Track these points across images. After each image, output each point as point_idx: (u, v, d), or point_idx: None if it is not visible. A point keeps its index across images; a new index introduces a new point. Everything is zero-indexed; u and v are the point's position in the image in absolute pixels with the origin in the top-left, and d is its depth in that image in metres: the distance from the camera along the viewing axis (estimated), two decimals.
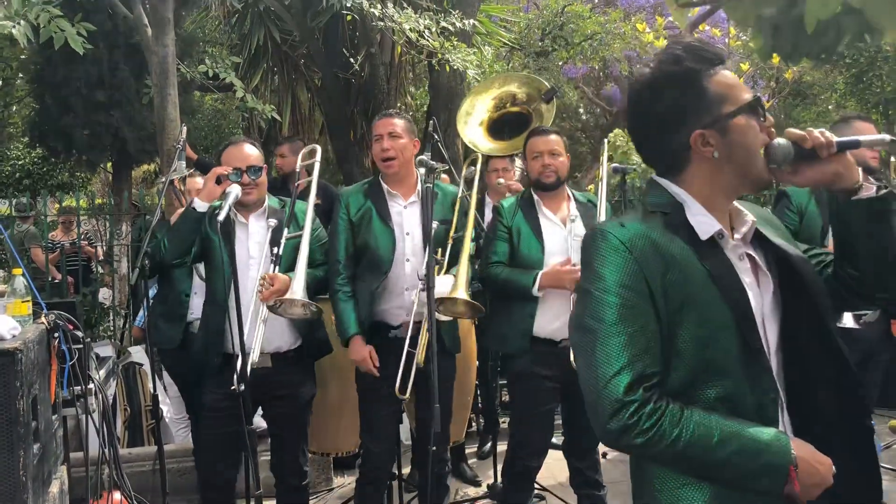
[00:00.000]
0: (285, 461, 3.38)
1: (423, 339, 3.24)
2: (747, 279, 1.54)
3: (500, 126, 5.12)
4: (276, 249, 3.21)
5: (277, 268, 3.19)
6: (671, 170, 1.60)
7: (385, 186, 3.42)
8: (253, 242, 3.27)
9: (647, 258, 1.48)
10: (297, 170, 3.76)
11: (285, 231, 3.27)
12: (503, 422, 4.90)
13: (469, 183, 3.67)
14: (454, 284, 3.16)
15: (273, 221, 3.26)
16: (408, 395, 3.25)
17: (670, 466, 1.49)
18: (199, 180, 4.32)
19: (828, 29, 1.12)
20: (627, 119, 1.66)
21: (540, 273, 3.35)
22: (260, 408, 3.39)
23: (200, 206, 3.17)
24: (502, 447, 3.99)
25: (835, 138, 1.54)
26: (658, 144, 1.61)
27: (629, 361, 1.43)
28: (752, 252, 1.59)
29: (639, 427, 1.41)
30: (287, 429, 3.33)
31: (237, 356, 3.05)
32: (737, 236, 1.58)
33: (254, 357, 3.09)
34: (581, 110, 14.72)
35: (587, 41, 10.72)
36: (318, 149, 3.70)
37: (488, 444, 5.03)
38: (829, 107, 12.06)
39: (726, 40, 10.13)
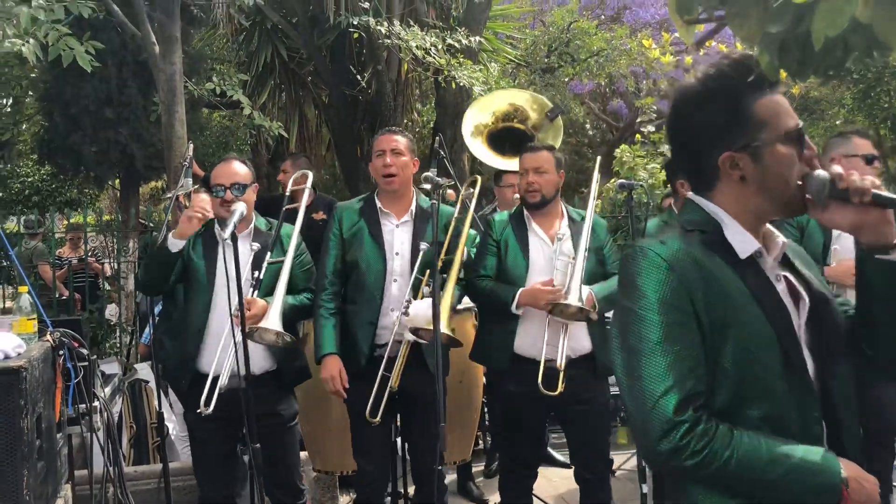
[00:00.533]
0: (276, 482, 3.33)
1: (401, 361, 3.21)
2: (785, 299, 1.51)
3: (502, 139, 5.13)
4: (256, 273, 3.19)
5: (257, 292, 3.16)
6: (702, 186, 1.57)
7: (378, 205, 3.39)
8: (240, 264, 3.20)
9: (689, 275, 1.45)
10: (287, 193, 3.76)
11: (268, 255, 3.24)
12: None
13: (465, 204, 3.65)
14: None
15: (256, 245, 3.24)
16: (378, 419, 3.19)
17: (719, 488, 1.45)
18: (204, 196, 4.32)
19: (835, 46, 1.11)
20: (666, 127, 1.63)
21: (520, 290, 3.32)
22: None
23: (174, 245, 3.16)
24: None
25: (874, 189, 1.44)
26: (690, 158, 1.58)
27: (676, 381, 1.40)
28: (787, 273, 1.56)
29: (690, 448, 1.38)
30: (271, 448, 3.20)
31: (212, 376, 3.07)
32: (770, 257, 1.55)
33: (223, 381, 3.06)
34: (587, 126, 14.73)
35: (593, 57, 10.74)
36: (310, 174, 3.71)
37: (495, 462, 5.00)
38: (837, 122, 12.03)
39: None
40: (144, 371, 5.06)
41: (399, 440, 3.76)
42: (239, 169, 3.31)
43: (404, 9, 7.82)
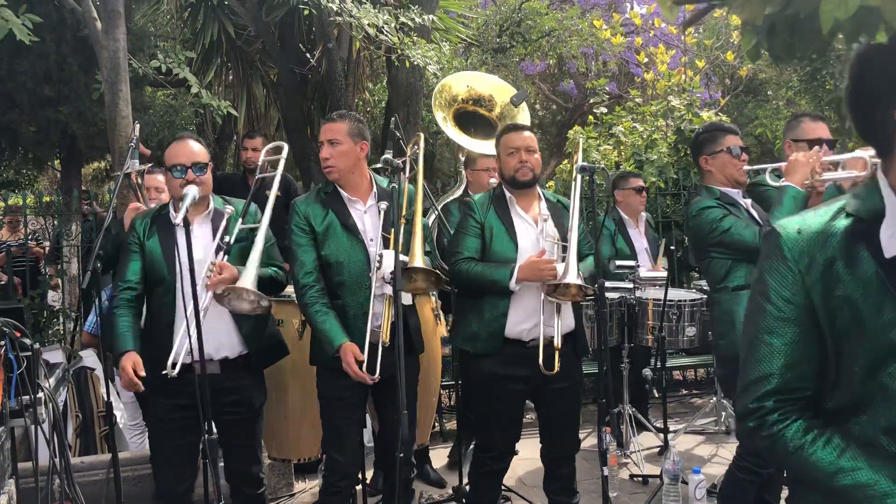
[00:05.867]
0: (239, 470, 3.27)
1: (387, 316, 3.16)
2: None
3: (466, 122, 5.08)
4: (226, 238, 3.11)
5: (227, 257, 3.09)
6: (881, 154, 1.40)
7: (344, 193, 3.32)
8: (198, 246, 3.03)
9: (815, 270, 1.38)
10: (260, 163, 3.71)
11: (239, 221, 3.18)
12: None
13: (414, 162, 3.65)
14: (410, 255, 3.09)
15: (229, 208, 3.19)
16: (377, 375, 3.13)
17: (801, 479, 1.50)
18: (159, 177, 4.20)
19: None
20: (847, 85, 1.43)
21: (517, 266, 3.28)
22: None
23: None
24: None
25: None
26: (865, 120, 1.40)
27: (767, 373, 1.43)
28: None
29: (761, 432, 1.44)
30: (240, 437, 3.21)
31: (186, 364, 3.00)
32: None
33: (187, 344, 2.96)
34: (537, 107, 14.75)
35: (545, 38, 10.74)
36: (285, 146, 3.65)
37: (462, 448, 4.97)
38: (780, 104, 12.24)
39: (682, 37, 10.22)
40: (90, 358, 4.91)
41: None
42: (196, 148, 3.21)
43: None
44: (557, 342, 3.27)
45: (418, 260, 3.07)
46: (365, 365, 3.12)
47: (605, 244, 5.39)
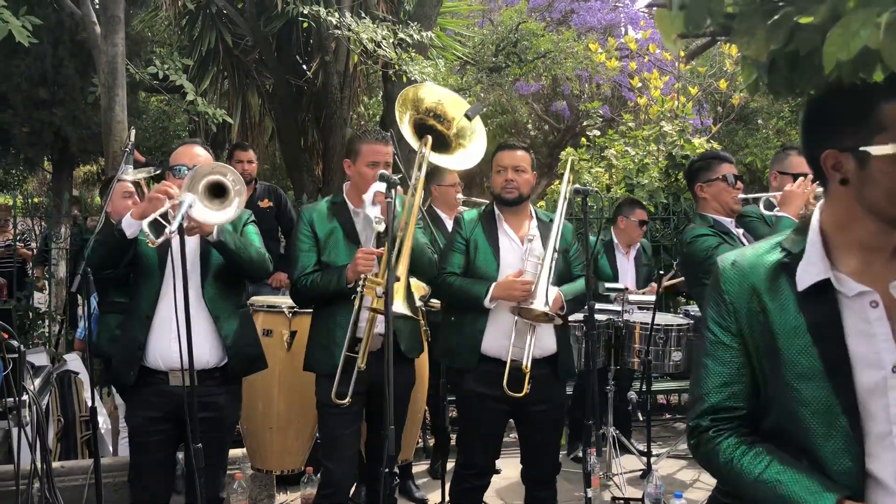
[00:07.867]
0: (201, 487, 3.14)
1: (366, 340, 3.14)
2: (881, 329, 1.40)
3: (424, 133, 5.09)
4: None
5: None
6: (824, 187, 1.49)
7: (350, 205, 3.38)
8: (188, 249, 2.95)
9: (743, 300, 1.52)
10: None
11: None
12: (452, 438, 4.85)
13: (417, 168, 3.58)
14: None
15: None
16: (347, 400, 3.11)
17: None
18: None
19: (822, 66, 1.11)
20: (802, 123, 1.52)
21: (493, 283, 3.29)
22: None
23: (130, 229, 2.95)
24: (451, 465, 3.94)
25: None
26: (807, 151, 1.49)
27: (705, 392, 1.57)
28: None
29: (699, 448, 1.58)
30: (207, 454, 2.94)
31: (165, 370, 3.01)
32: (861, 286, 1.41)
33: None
34: (529, 126, 14.85)
35: (540, 59, 10.83)
36: None
37: (439, 462, 4.97)
38: (770, 133, 12.36)
39: (676, 64, 10.32)
40: (75, 362, 4.88)
41: None
42: (200, 152, 3.22)
43: (353, 0, 7.71)
44: (526, 364, 3.25)
45: (399, 304, 2.96)
46: (335, 388, 3.13)
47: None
